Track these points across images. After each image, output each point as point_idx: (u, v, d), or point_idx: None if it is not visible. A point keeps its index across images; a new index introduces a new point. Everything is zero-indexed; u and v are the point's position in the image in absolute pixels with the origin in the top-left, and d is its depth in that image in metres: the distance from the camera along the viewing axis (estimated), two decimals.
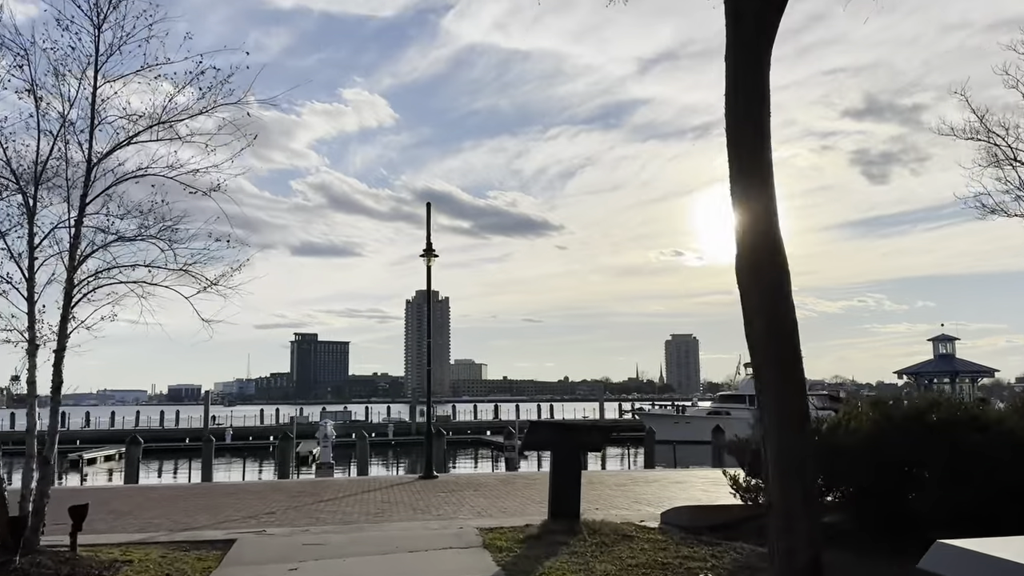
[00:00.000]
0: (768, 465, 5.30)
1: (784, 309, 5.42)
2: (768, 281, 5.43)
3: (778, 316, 5.40)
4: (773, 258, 5.48)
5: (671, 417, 53.95)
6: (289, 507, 12.14)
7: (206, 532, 9.67)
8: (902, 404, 8.17)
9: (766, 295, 5.42)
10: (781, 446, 5.20)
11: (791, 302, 5.46)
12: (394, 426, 59.42)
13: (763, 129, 5.52)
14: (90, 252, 8.02)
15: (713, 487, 14.29)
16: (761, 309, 5.43)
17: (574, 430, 10.38)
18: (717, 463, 24.14)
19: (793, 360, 5.36)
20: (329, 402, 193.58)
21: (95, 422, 65.16)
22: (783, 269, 5.49)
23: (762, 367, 5.50)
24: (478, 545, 8.51)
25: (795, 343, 5.43)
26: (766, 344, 5.44)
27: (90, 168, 8.01)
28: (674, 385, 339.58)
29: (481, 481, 15.87)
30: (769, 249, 5.49)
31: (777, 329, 5.40)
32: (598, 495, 12.71)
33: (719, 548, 8.16)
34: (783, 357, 5.39)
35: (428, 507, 11.84)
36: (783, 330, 5.40)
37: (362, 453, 25.34)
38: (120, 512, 11.73)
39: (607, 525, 9.12)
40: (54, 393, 7.80)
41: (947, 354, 62.77)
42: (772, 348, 5.41)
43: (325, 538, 9.09)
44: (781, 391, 5.35)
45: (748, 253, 5.52)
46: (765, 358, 5.47)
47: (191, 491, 14.89)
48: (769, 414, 5.33)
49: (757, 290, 5.43)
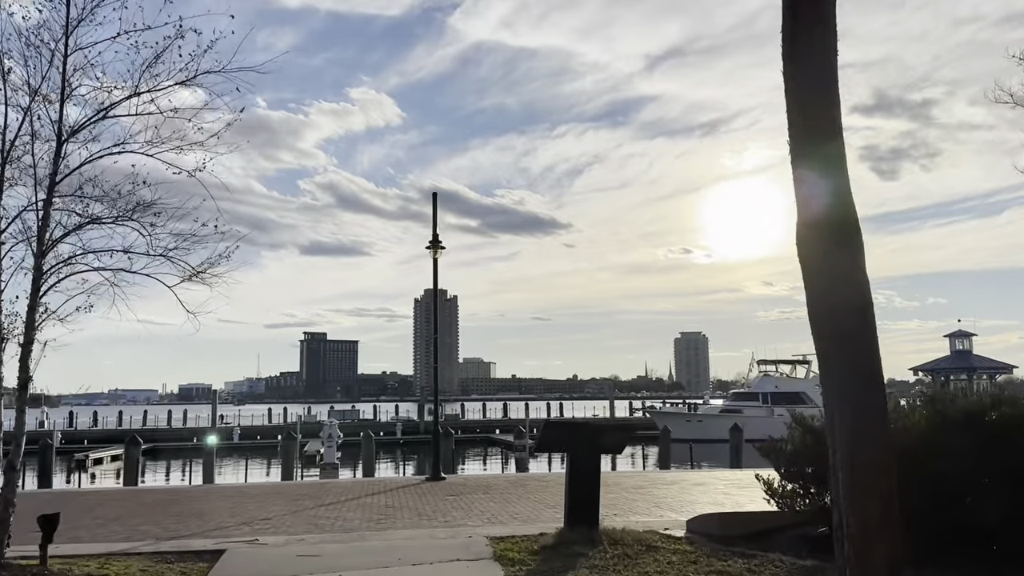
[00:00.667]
0: (837, 476, 4.46)
1: (857, 282, 4.58)
2: (838, 250, 4.59)
3: (850, 291, 4.57)
4: (845, 223, 4.64)
5: (683, 415, 53.09)
6: (287, 512, 11.43)
7: (195, 541, 8.95)
8: (959, 401, 7.33)
9: (836, 267, 4.59)
10: (855, 453, 4.37)
11: (865, 275, 4.64)
12: (402, 425, 58.74)
13: (831, 71, 4.70)
14: (61, 236, 7.29)
15: (737, 490, 13.51)
16: (829, 283, 4.61)
17: (593, 430, 9.60)
18: (735, 463, 23.34)
19: (868, 345, 4.51)
20: (338, 401, 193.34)
21: (103, 421, 64.90)
22: (856, 236, 4.66)
23: (829, 354, 4.66)
24: (488, 557, 7.76)
25: (870, 323, 4.60)
26: (834, 325, 4.61)
27: (60, 144, 7.29)
28: (683, 383, 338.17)
29: (491, 483, 15.12)
30: (840, 213, 4.65)
31: (849, 306, 4.56)
32: (615, 498, 11.94)
33: (755, 561, 7.38)
34: (856, 342, 4.54)
35: (435, 512, 11.10)
36: (856, 308, 4.56)
37: (368, 453, 24.61)
38: (107, 518, 11.04)
39: (629, 534, 8.35)
40: (20, 391, 7.06)
41: (964, 350, 61.67)
42: (842, 330, 4.58)
43: (322, 548, 8.35)
44: (854, 385, 4.51)
45: (814, 219, 4.68)
46: (833, 343, 4.62)
47: (187, 494, 14.20)
48: (839, 413, 4.51)
49: (824, 261, 4.59)
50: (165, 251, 7.60)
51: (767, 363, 57.58)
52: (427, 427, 52.57)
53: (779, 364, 57.12)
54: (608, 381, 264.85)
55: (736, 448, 23.80)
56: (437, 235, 17.14)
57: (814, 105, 4.77)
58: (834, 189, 4.66)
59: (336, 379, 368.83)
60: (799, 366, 56.46)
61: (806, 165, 4.76)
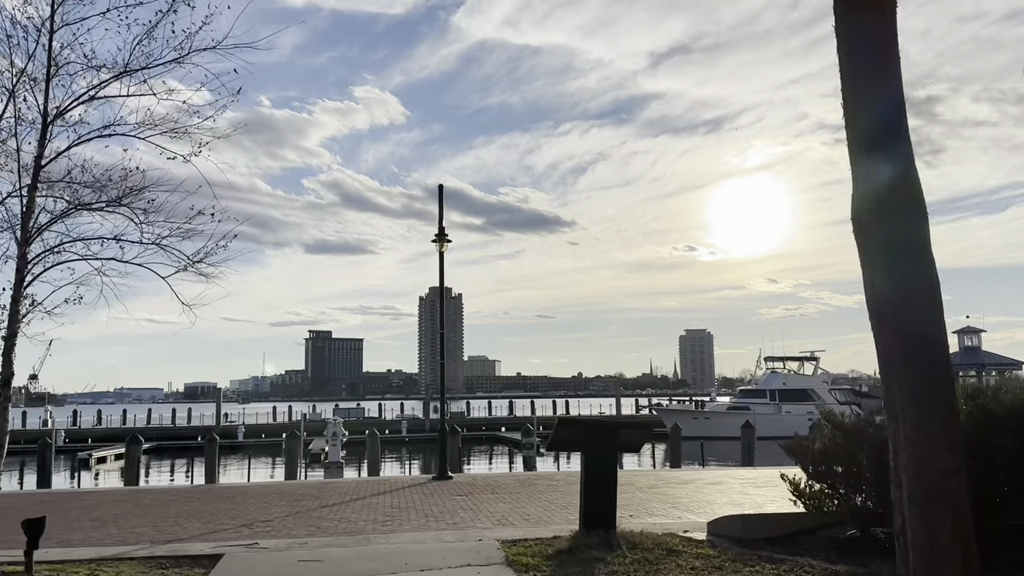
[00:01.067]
0: (900, 479, 3.97)
1: (922, 264, 4.12)
2: (900, 228, 4.11)
3: (917, 269, 4.10)
4: (909, 197, 4.16)
5: (690, 413, 52.51)
6: (289, 513, 11.02)
7: (192, 545, 8.54)
8: (1004, 397, 6.86)
9: (899, 246, 4.12)
10: (922, 456, 3.88)
11: (931, 256, 4.17)
12: (408, 423, 58.36)
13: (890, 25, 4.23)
14: (47, 223, 6.88)
15: (754, 489, 13.07)
16: (891, 265, 4.13)
17: (610, 427, 9.15)
18: (748, 461, 22.89)
19: (936, 335, 4.04)
20: (343, 399, 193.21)
21: (107, 420, 64.69)
22: (921, 212, 4.19)
23: (891, 346, 4.15)
24: (500, 562, 7.33)
25: (938, 308, 4.13)
26: (896, 312, 4.12)
27: (46, 126, 6.87)
28: (688, 380, 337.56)
29: (499, 482, 14.69)
30: (904, 187, 4.17)
31: (913, 291, 4.08)
32: (630, 498, 11.50)
33: (784, 566, 6.93)
34: (922, 332, 4.04)
35: (442, 513, 10.68)
36: (921, 293, 4.08)
37: (373, 452, 24.21)
38: (103, 520, 10.64)
39: (648, 537, 7.91)
40: (3, 387, 6.64)
41: (973, 347, 61.20)
42: (906, 318, 4.08)
43: (324, 553, 7.93)
44: (921, 379, 4.02)
45: (873, 194, 4.20)
46: (896, 332, 4.11)
47: (187, 495, 13.80)
48: (903, 411, 4.01)
49: (885, 240, 4.11)
50: (158, 238, 7.19)
51: (774, 360, 57.04)
52: (433, 425, 52.20)
53: (787, 361, 56.56)
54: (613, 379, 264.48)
55: (748, 446, 23.32)
56: (443, 227, 16.71)
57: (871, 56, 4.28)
58: (897, 159, 4.18)
59: (341, 377, 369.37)
60: (807, 363, 55.94)
61: (864, 132, 4.28)
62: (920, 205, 4.20)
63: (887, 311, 4.10)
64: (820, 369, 55.21)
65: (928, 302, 4.08)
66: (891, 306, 4.08)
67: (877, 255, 4.19)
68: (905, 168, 4.22)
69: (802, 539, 7.98)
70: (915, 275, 4.08)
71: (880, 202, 4.18)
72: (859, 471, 7.59)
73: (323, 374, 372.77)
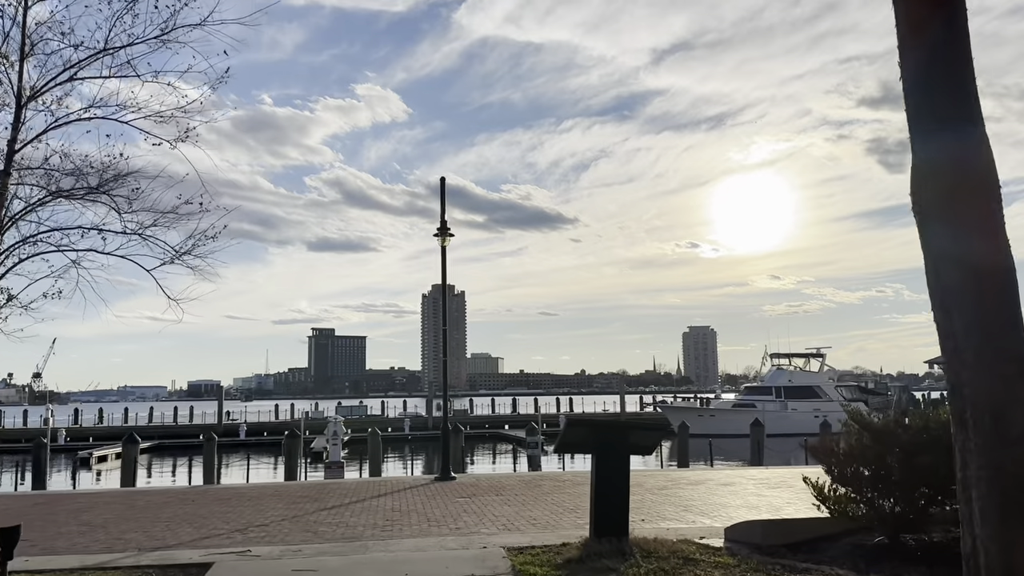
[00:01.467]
0: (970, 493, 3.49)
1: (996, 248, 3.67)
2: (972, 208, 3.65)
3: (988, 246, 3.66)
4: (982, 175, 3.71)
5: (695, 410, 52.04)
6: (286, 517, 10.59)
7: (181, 552, 8.11)
8: None
9: (970, 229, 3.68)
10: (999, 464, 3.42)
11: (1006, 239, 3.73)
12: (411, 421, 58.02)
13: None
14: (21, 211, 6.44)
15: (768, 490, 12.62)
16: (960, 249, 3.67)
17: (622, 429, 8.70)
18: (757, 460, 22.42)
19: (1013, 321, 3.60)
20: (346, 396, 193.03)
21: (108, 418, 64.48)
22: (996, 192, 3.73)
23: (960, 340, 3.68)
24: (507, 572, 6.89)
25: (1013, 291, 3.69)
26: (965, 300, 3.67)
27: (20, 108, 6.43)
28: (692, 377, 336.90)
29: (503, 483, 14.24)
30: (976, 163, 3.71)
31: (985, 278, 3.64)
32: (640, 501, 11.04)
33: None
34: (995, 322, 3.59)
35: (445, 517, 10.24)
36: (995, 280, 3.64)
37: (374, 452, 23.80)
38: (92, 524, 10.22)
39: (662, 544, 7.47)
40: None
41: None
42: (976, 307, 3.64)
43: (320, 561, 7.49)
44: (995, 376, 3.54)
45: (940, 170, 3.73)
46: (965, 324, 3.64)
47: (182, 497, 13.39)
48: (974, 418, 3.55)
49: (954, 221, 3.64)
50: (140, 227, 6.75)
51: (780, 356, 56.53)
52: (435, 423, 51.84)
53: (792, 358, 56.03)
54: (616, 376, 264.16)
55: (758, 444, 22.84)
56: (445, 222, 16.26)
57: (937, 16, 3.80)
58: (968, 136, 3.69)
59: (344, 375, 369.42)
60: (812, 360, 55.42)
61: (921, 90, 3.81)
62: (993, 180, 3.73)
63: (955, 300, 3.61)
64: (826, 366, 54.71)
65: (1002, 293, 3.61)
66: (959, 295, 3.61)
67: (941, 228, 3.71)
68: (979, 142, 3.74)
69: (825, 546, 7.54)
70: (988, 251, 3.60)
71: (945, 177, 3.71)
72: (888, 474, 7.16)
73: (326, 372, 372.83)
